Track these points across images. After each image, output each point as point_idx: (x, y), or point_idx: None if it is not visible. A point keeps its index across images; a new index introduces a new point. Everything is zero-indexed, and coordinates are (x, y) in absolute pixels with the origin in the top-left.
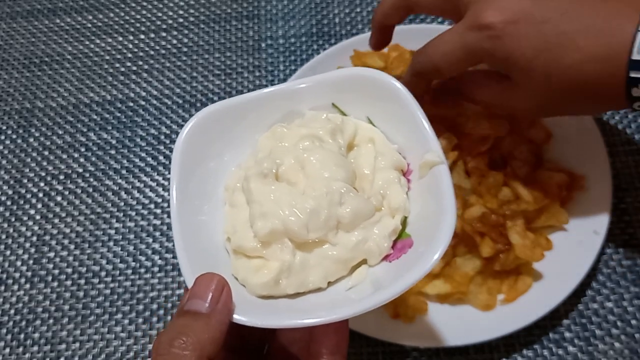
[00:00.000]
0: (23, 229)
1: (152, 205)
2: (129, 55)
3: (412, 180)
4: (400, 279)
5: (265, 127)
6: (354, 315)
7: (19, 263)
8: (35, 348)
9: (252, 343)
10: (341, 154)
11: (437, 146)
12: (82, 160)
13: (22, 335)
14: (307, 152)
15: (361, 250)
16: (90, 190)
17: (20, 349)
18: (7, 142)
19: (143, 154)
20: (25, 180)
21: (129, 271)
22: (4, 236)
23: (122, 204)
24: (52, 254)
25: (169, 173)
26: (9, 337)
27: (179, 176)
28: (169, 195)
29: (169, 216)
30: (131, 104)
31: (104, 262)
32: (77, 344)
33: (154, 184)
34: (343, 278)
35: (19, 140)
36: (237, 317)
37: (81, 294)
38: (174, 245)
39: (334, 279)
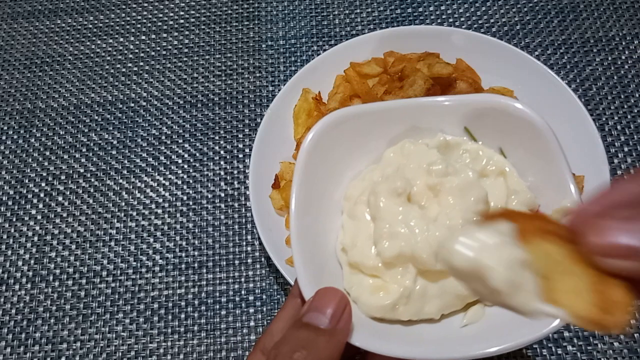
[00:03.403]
0: (24, 228)
1: (153, 205)
2: (130, 56)
3: None
4: (521, 332)
5: (387, 140)
6: (470, 358)
7: (20, 263)
8: (37, 347)
9: (345, 356)
10: (474, 181)
11: (576, 192)
12: (83, 160)
13: (23, 335)
14: (440, 177)
15: None
16: (92, 190)
17: (22, 349)
18: (9, 142)
19: (144, 154)
20: (26, 180)
21: (130, 270)
22: (5, 236)
23: (123, 203)
24: (53, 254)
25: (170, 173)
26: (10, 336)
27: (301, 179)
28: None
29: (169, 216)
30: (132, 105)
31: (105, 261)
32: (78, 344)
33: (155, 184)
34: (457, 312)
35: (21, 141)
36: (356, 339)
37: (82, 293)
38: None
39: (448, 312)
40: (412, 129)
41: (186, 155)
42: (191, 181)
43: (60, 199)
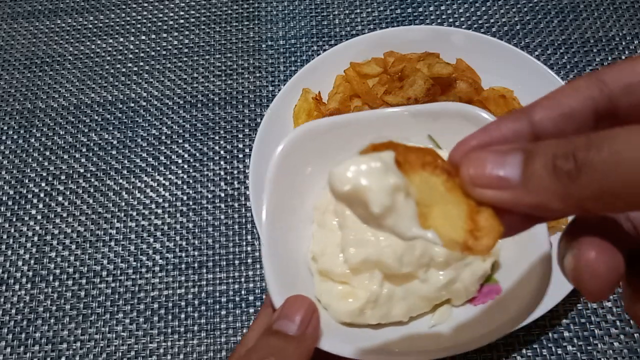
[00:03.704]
0: (24, 228)
1: (153, 205)
2: (130, 56)
3: None
4: (486, 332)
5: (355, 150)
6: (437, 357)
7: (20, 263)
8: (37, 347)
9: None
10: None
11: None
12: (83, 160)
13: (23, 335)
14: None
15: (449, 290)
16: (92, 190)
17: (22, 349)
18: (9, 142)
19: (144, 154)
20: (26, 180)
21: (130, 270)
22: (5, 236)
23: (123, 203)
24: (53, 254)
25: (170, 173)
26: (10, 336)
27: (272, 190)
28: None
29: (169, 216)
30: (132, 105)
31: (105, 261)
32: (78, 344)
33: (154, 184)
34: (425, 314)
35: (21, 141)
36: (324, 344)
37: (82, 293)
38: (259, 256)
39: (415, 314)
40: (379, 139)
41: (186, 155)
42: (191, 181)
43: (60, 199)
